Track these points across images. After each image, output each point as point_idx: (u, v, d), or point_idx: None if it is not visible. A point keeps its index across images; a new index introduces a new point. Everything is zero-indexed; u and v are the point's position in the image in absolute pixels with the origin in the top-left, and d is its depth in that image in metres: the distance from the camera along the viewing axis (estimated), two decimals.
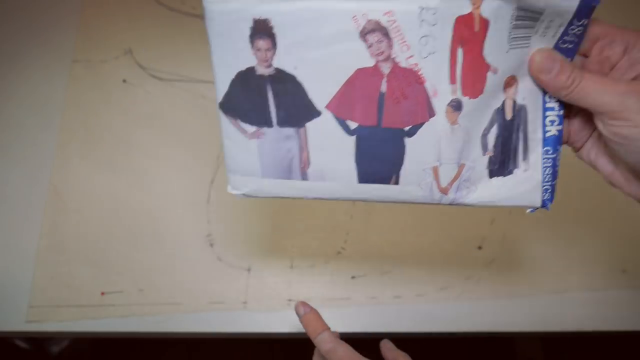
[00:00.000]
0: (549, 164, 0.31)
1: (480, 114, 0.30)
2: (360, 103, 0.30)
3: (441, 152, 0.31)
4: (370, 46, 0.28)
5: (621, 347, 0.97)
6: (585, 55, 0.30)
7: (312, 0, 0.27)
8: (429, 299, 0.52)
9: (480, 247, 0.54)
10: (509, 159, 0.32)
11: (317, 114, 0.30)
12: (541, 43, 0.28)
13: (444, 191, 0.32)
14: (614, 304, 0.52)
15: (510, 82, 0.29)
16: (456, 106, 0.29)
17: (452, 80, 0.28)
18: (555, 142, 0.31)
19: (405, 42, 0.28)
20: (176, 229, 0.54)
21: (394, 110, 0.29)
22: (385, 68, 0.28)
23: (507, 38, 0.27)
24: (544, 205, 0.32)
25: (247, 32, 0.28)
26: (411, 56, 0.28)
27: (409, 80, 0.28)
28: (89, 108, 0.60)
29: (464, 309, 0.52)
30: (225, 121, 0.32)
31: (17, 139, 0.59)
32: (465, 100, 0.29)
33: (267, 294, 0.51)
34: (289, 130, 0.31)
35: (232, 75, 0.30)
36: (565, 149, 0.32)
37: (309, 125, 0.31)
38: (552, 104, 0.30)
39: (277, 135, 0.31)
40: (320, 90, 0.29)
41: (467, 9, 0.26)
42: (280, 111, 0.31)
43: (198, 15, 0.66)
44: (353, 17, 0.27)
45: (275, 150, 0.32)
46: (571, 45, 0.28)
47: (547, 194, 0.32)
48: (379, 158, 0.31)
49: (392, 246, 0.54)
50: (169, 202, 0.56)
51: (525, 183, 0.32)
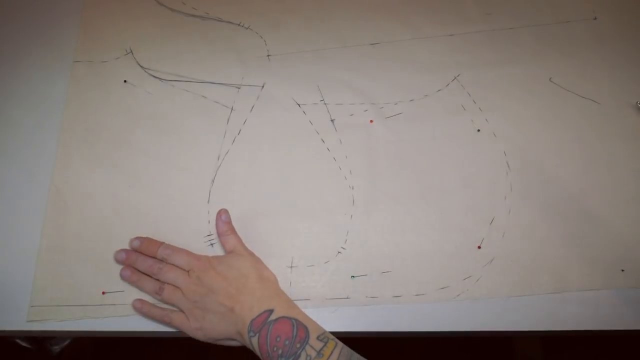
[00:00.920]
0: None
1: None
2: None
3: None
4: None
5: (620, 346, 0.97)
6: None
7: None
8: (428, 299, 0.52)
9: (479, 247, 0.54)
10: None
11: None
12: None
13: None
14: (613, 304, 0.52)
15: None
16: None
17: None
18: None
19: None
20: (176, 229, 0.54)
21: None
22: None
23: None
24: None
25: None
26: None
27: None
28: (89, 108, 0.60)
29: (464, 308, 0.52)
30: None
31: (18, 139, 0.59)
32: None
33: None
34: None
35: None
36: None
37: None
38: None
39: None
40: None
41: None
42: None
43: (199, 15, 0.66)
44: None
45: None
46: None
47: None
48: None
49: (392, 246, 0.54)
50: (169, 202, 0.56)
51: None
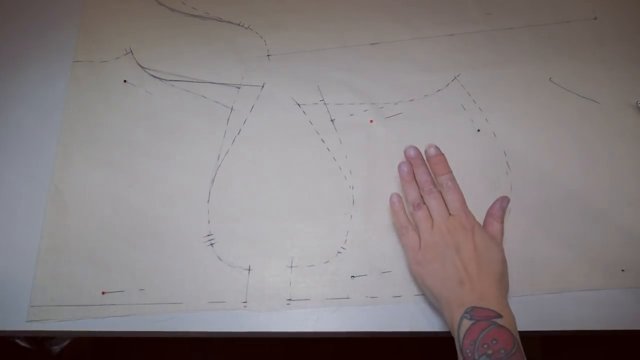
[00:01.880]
0: None
1: None
2: None
3: None
4: None
5: (620, 346, 0.97)
6: None
7: None
8: (428, 299, 0.52)
9: None
10: None
11: None
12: None
13: None
14: (614, 304, 0.52)
15: None
16: None
17: None
18: None
19: None
20: (176, 229, 0.54)
21: None
22: None
23: None
24: None
25: None
26: None
27: None
28: (89, 108, 0.60)
29: None
30: None
31: (18, 139, 0.59)
32: None
33: (267, 294, 0.52)
34: None
35: None
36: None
37: None
38: None
39: None
40: None
41: None
42: None
43: (198, 15, 0.66)
44: None
45: None
46: None
47: None
48: None
49: (392, 246, 0.54)
50: (169, 202, 0.56)
51: None
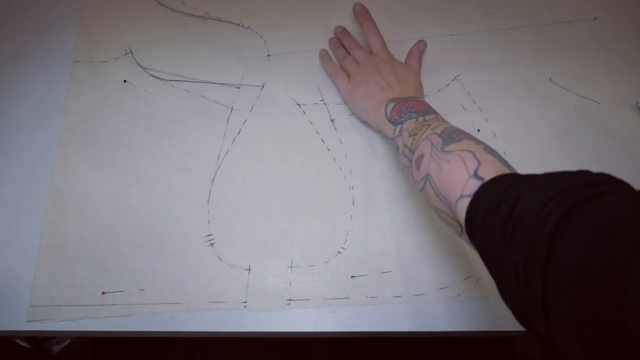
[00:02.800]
0: None
1: None
2: None
3: None
4: None
5: None
6: None
7: None
8: (428, 299, 0.52)
9: None
10: None
11: None
12: None
13: None
14: None
15: None
16: None
17: None
18: None
19: None
20: (176, 229, 0.54)
21: None
22: None
23: None
24: None
25: None
26: None
27: None
28: (89, 108, 0.60)
29: (464, 308, 0.52)
30: None
31: (18, 139, 0.59)
32: None
33: (267, 294, 0.52)
34: None
35: None
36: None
37: None
38: None
39: None
40: None
41: None
42: None
43: (198, 15, 0.66)
44: None
45: None
46: None
47: None
48: None
49: (392, 246, 0.54)
50: (169, 202, 0.56)
51: None
